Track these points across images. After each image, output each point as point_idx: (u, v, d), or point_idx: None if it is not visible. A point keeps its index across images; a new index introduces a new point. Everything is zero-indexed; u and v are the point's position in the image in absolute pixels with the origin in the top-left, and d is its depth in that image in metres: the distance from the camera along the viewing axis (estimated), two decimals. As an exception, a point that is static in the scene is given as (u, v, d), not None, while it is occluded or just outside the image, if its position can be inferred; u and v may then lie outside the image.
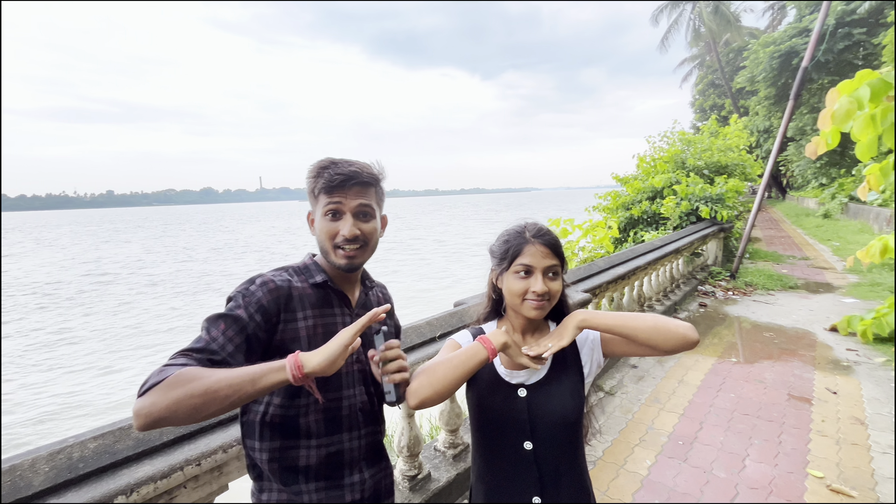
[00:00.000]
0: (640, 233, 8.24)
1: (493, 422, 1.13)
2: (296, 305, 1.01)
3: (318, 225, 1.04)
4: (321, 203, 1.02)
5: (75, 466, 1.24)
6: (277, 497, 1.03)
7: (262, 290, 0.97)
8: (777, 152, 7.03)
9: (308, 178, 1.04)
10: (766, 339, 5.00)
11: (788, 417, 3.29)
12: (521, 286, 1.08)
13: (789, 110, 6.83)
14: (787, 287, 7.32)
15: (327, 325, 1.04)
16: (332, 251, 1.03)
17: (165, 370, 0.78)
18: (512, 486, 1.12)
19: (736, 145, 9.35)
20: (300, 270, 1.08)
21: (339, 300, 1.09)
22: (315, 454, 1.02)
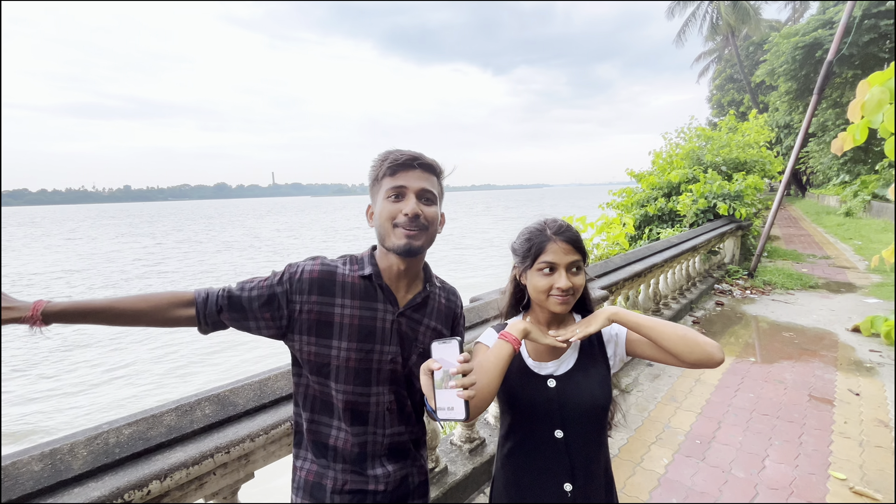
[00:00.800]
0: (654, 230, 8.13)
1: (524, 412, 1.15)
2: (336, 290, 1.04)
3: (378, 209, 1.02)
4: (384, 186, 1.01)
5: (112, 451, 1.28)
6: (309, 466, 1.09)
7: (303, 271, 1.04)
8: (799, 148, 6.87)
9: (372, 167, 1.04)
10: (785, 338, 4.91)
11: (809, 418, 3.24)
12: (545, 283, 1.10)
13: (813, 105, 6.66)
14: (808, 286, 7.16)
15: (365, 318, 1.04)
16: (392, 232, 1.00)
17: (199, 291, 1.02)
18: (543, 473, 1.14)
19: (756, 141, 9.14)
20: (355, 260, 1.11)
21: (385, 297, 1.06)
22: (343, 438, 1.07)
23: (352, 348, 1.03)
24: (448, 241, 31.52)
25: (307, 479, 1.09)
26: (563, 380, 1.15)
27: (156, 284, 19.87)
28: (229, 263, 25.38)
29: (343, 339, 1.02)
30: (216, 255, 29.26)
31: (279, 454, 1.63)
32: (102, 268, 24.89)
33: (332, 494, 1.06)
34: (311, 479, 1.08)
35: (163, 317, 0.97)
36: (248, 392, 1.60)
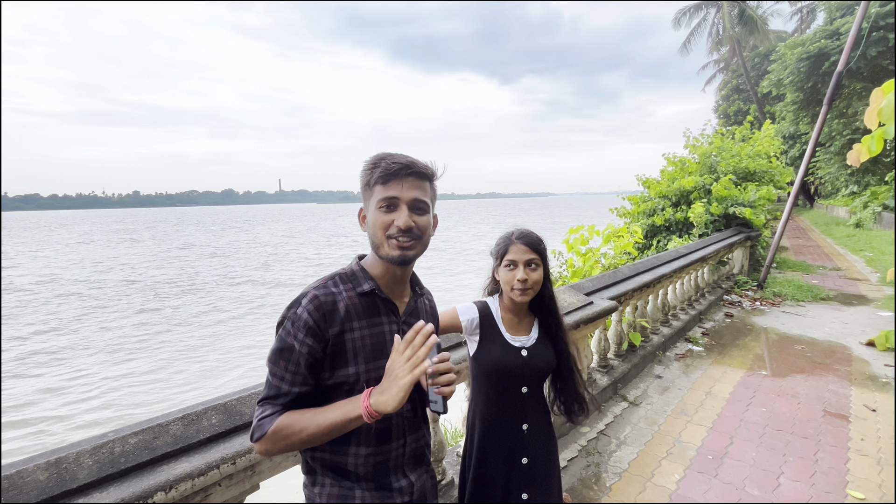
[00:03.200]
0: (662, 240, 8.07)
1: (503, 374, 1.48)
2: (343, 318, 0.99)
3: (371, 218, 1.01)
4: (376, 195, 0.99)
5: (117, 461, 1.26)
6: (330, 490, 1.05)
7: (307, 311, 0.97)
8: (809, 158, 6.81)
9: (363, 171, 1.02)
10: (797, 351, 4.82)
11: (825, 434, 3.16)
12: (509, 276, 1.45)
13: (822, 116, 6.61)
14: (819, 298, 7.06)
15: (375, 335, 1.03)
16: (385, 242, 0.99)
17: (262, 424, 0.95)
18: (508, 419, 1.50)
19: (766, 151, 9.08)
20: (348, 278, 1.04)
21: (387, 308, 1.06)
22: (363, 461, 1.04)
23: (369, 369, 1.01)
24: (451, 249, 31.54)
25: (329, 503, 1.05)
26: (530, 350, 1.50)
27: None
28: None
29: (359, 363, 1.01)
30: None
31: (285, 465, 1.60)
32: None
33: None
34: (335, 502, 1.05)
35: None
36: (255, 401, 1.58)
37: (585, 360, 3.28)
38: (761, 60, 30.88)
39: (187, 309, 16.01)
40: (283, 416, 0.94)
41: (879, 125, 2.85)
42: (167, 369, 10.21)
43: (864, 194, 18.22)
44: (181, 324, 14.08)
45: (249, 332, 13.08)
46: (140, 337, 12.72)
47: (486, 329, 1.51)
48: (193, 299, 17.60)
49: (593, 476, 2.74)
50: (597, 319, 3.06)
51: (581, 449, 3.01)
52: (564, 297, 3.06)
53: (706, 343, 5.09)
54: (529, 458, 1.48)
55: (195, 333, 12.96)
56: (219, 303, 16.88)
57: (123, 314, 15.36)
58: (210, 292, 19.02)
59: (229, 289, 19.73)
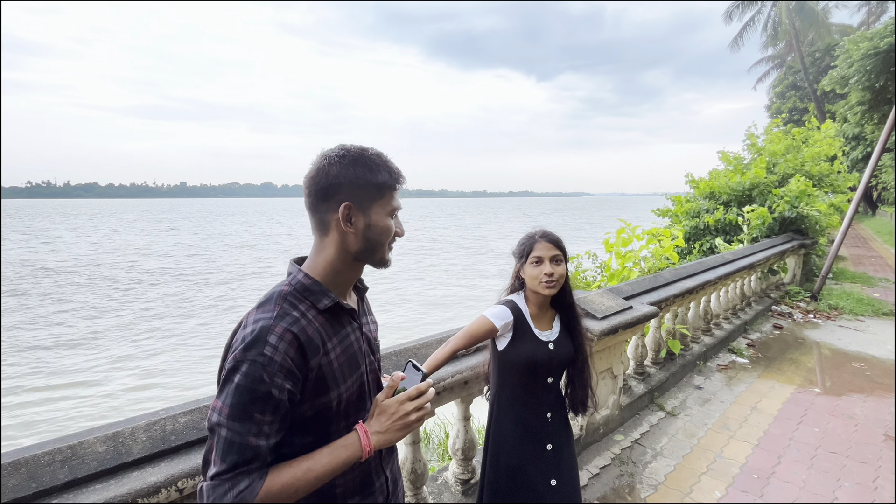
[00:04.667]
0: (705, 244, 7.69)
1: (534, 367, 1.58)
2: (320, 343, 0.88)
3: (375, 223, 0.96)
4: (385, 203, 0.98)
5: (168, 438, 1.32)
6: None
7: (280, 353, 0.81)
8: (875, 163, 6.30)
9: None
10: (854, 369, 4.47)
11: (885, 460, 2.92)
12: (536, 272, 1.55)
13: (893, 118, 6.09)
14: (881, 313, 6.52)
15: (346, 349, 0.95)
16: (386, 248, 0.99)
17: (244, 496, 0.77)
18: (535, 407, 1.61)
19: (827, 153, 8.45)
20: (302, 295, 0.90)
21: (349, 317, 0.98)
22: (350, 480, 0.97)
23: (349, 387, 0.94)
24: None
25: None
26: (555, 343, 1.61)
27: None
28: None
29: (339, 384, 0.92)
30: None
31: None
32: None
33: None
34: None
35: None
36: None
37: (622, 366, 3.18)
38: (822, 56, 28.78)
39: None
40: (268, 480, 0.79)
41: None
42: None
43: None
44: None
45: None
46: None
47: (519, 327, 1.60)
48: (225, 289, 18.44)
49: (627, 486, 2.65)
50: (636, 325, 2.95)
51: (614, 457, 2.91)
52: (603, 301, 2.97)
53: (751, 355, 4.81)
54: (553, 444, 1.60)
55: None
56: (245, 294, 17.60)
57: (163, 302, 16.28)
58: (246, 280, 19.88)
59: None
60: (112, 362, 10.08)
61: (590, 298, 2.91)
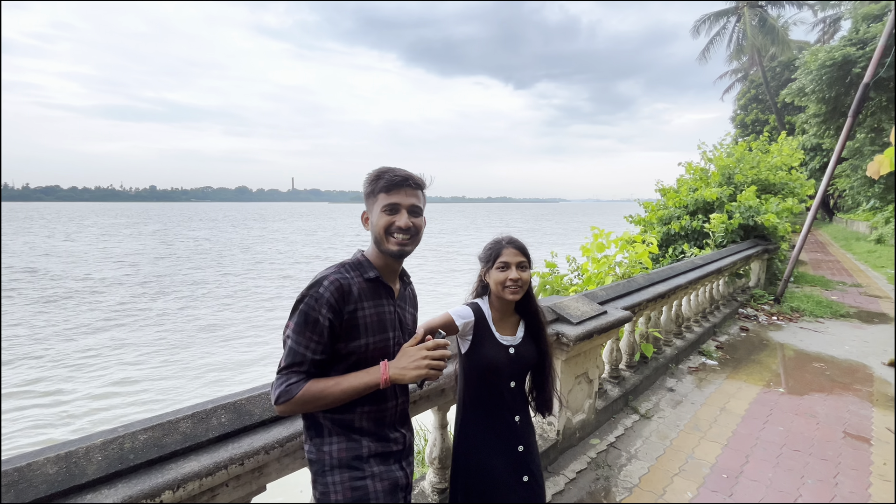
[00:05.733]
0: (677, 249, 7.93)
1: (493, 371, 1.59)
2: (357, 298, 1.20)
3: (374, 219, 1.23)
4: (380, 201, 1.22)
5: (126, 457, 1.25)
6: (338, 446, 1.23)
7: (328, 290, 1.16)
8: (832, 172, 6.65)
9: (367, 182, 1.25)
10: (815, 369, 4.68)
11: (845, 457, 3.05)
12: (502, 276, 1.57)
13: (847, 128, 6.45)
14: (838, 315, 6.86)
15: (380, 313, 1.25)
16: (386, 239, 1.22)
17: (290, 390, 1.12)
18: (501, 411, 1.62)
19: (786, 164, 8.89)
20: (355, 266, 1.25)
21: (386, 293, 1.28)
22: (367, 417, 1.26)
23: (376, 340, 1.24)
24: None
25: (340, 456, 1.22)
26: (517, 348, 1.63)
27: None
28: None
29: (369, 335, 1.22)
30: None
31: (292, 467, 1.58)
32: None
33: (367, 459, 1.25)
34: (345, 455, 1.23)
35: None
36: (265, 401, 1.56)
37: (597, 371, 3.22)
38: (782, 70, 30.36)
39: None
40: (308, 384, 1.13)
41: None
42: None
43: (886, 209, 17.72)
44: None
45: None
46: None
47: (480, 329, 1.62)
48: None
49: (602, 490, 2.67)
50: (610, 329, 3.00)
51: (591, 461, 2.94)
52: (578, 306, 3.00)
53: (720, 357, 4.97)
54: (524, 445, 1.65)
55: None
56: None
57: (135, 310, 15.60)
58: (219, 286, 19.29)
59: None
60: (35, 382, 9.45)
61: (565, 304, 2.95)
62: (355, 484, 1.21)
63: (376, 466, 1.25)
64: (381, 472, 1.25)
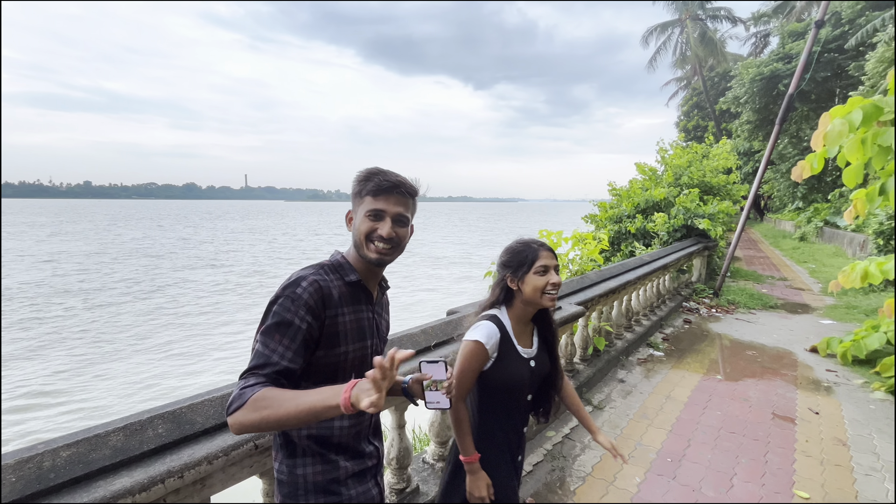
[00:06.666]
0: (627, 247, 8.33)
1: (516, 386, 1.53)
2: (337, 303, 1.12)
3: (357, 222, 1.16)
4: (366, 204, 1.14)
5: (45, 477, 1.14)
6: (312, 468, 1.15)
7: (307, 292, 1.07)
8: (761, 175, 7.22)
9: (355, 182, 1.17)
10: (749, 357, 5.07)
11: (773, 437, 3.32)
12: (541, 282, 1.46)
13: (774, 135, 7.03)
14: (768, 306, 7.48)
15: (359, 319, 1.18)
16: (365, 245, 1.15)
17: (244, 393, 0.94)
18: (513, 424, 1.58)
19: (723, 167, 9.60)
20: (335, 268, 1.17)
21: (366, 298, 1.21)
22: (344, 431, 1.19)
23: (356, 349, 1.17)
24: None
25: (316, 480, 1.15)
26: (535, 360, 1.56)
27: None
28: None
29: (349, 343, 1.15)
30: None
31: (239, 477, 1.50)
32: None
33: (345, 481, 1.18)
34: (321, 479, 1.15)
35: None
36: (208, 409, 1.47)
37: (552, 365, 3.31)
38: (720, 80, 32.66)
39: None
40: (265, 388, 0.95)
41: (823, 146, 3.02)
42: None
43: (808, 210, 19.53)
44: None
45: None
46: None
47: (503, 344, 1.49)
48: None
49: (558, 480, 2.75)
50: (565, 324, 3.10)
51: (546, 453, 3.02)
52: (534, 302, 3.07)
53: (666, 348, 5.27)
54: (521, 456, 1.66)
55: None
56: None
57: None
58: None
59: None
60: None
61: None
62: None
63: (353, 489, 1.19)
64: (359, 493, 1.19)
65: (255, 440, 1.45)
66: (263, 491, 1.67)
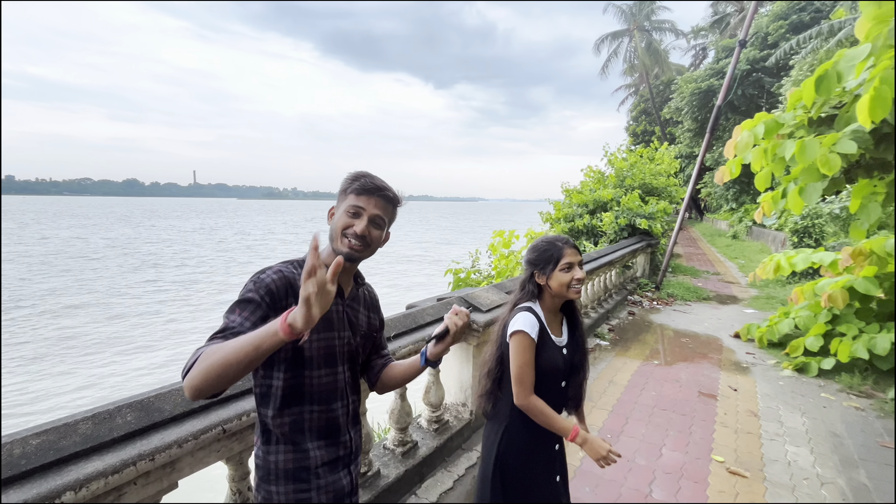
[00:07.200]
0: (579, 244, 8.84)
1: (552, 373, 1.61)
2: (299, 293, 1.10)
3: (336, 217, 1.21)
4: (348, 201, 1.20)
5: (17, 464, 1.18)
6: (284, 456, 1.20)
7: (271, 278, 1.13)
8: (696, 179, 7.91)
9: (344, 181, 1.24)
10: (682, 343, 5.59)
11: (698, 412, 3.74)
12: (567, 277, 1.58)
13: (706, 143, 7.72)
14: (702, 299, 8.20)
15: (327, 311, 1.20)
16: (340, 238, 1.19)
17: (197, 352, 0.96)
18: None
19: (665, 171, 10.37)
20: (304, 263, 1.17)
21: (336, 292, 1.13)
22: (316, 418, 1.23)
23: (322, 338, 1.21)
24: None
25: (286, 467, 1.20)
26: (567, 347, 1.67)
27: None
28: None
29: (314, 331, 1.18)
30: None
31: (207, 461, 1.58)
32: None
33: (315, 470, 1.22)
34: (291, 466, 1.20)
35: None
36: (176, 397, 1.54)
37: (506, 354, 3.54)
38: (664, 88, 34.83)
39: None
40: (214, 343, 0.96)
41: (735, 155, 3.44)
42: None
43: (739, 211, 21.36)
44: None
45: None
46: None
47: (541, 334, 1.60)
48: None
49: (510, 459, 2.98)
50: (516, 316, 3.33)
51: (500, 436, 3.25)
52: (487, 296, 3.29)
53: (612, 338, 5.69)
54: (559, 444, 1.69)
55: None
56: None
57: None
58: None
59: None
60: None
61: (476, 294, 3.21)
62: (299, 497, 1.19)
63: (323, 478, 1.22)
64: (328, 483, 1.23)
65: (223, 425, 1.54)
66: (229, 476, 1.75)
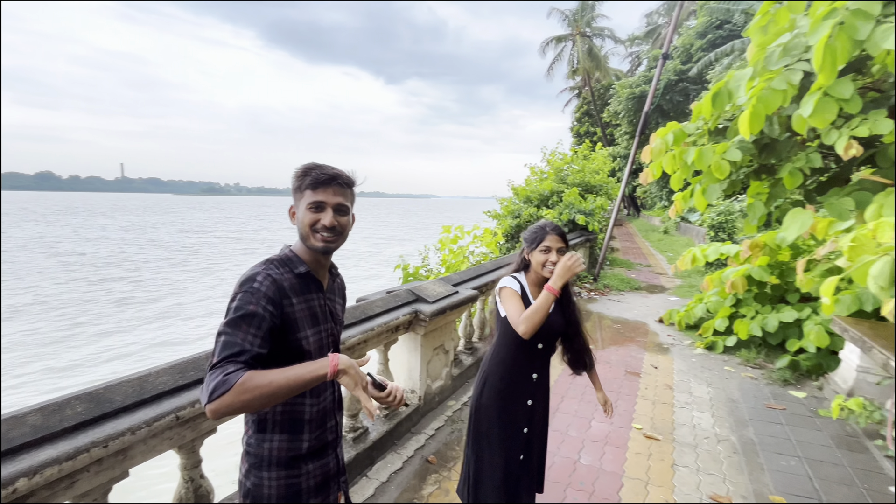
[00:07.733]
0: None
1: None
2: (290, 293, 1.19)
3: (300, 215, 1.23)
4: (306, 198, 1.21)
5: (-33, 455, 1.21)
6: (278, 444, 1.25)
7: (264, 285, 1.14)
8: (627, 178, 8.60)
9: (294, 178, 1.24)
10: (615, 329, 6.13)
11: (624, 388, 4.18)
12: (543, 258, 1.81)
13: (635, 145, 8.42)
14: (634, 288, 8.94)
15: (311, 307, 1.26)
16: (311, 236, 1.22)
17: (228, 379, 0.98)
18: (524, 368, 1.90)
19: (602, 169, 11.13)
20: (283, 262, 1.23)
21: (316, 286, 1.29)
22: (313, 409, 1.30)
23: (313, 333, 1.25)
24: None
25: (280, 455, 1.25)
26: (549, 316, 1.82)
27: None
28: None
29: (306, 328, 1.22)
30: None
31: (159, 449, 1.64)
32: None
33: (305, 457, 1.29)
34: (284, 455, 1.26)
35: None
36: (126, 388, 1.59)
37: (453, 343, 3.77)
38: (604, 92, 36.87)
39: None
40: (250, 372, 1.00)
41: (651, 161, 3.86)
42: None
43: (669, 208, 23.22)
44: None
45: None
46: None
47: (521, 298, 1.85)
48: None
49: (456, 440, 3.21)
50: (461, 306, 3.56)
51: (447, 419, 3.47)
52: (434, 288, 3.48)
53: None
54: (533, 401, 1.91)
55: None
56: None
57: None
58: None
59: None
60: None
61: (424, 286, 3.39)
62: (290, 482, 1.26)
63: (311, 464, 1.29)
64: (315, 468, 1.30)
65: (176, 412, 1.61)
66: (181, 465, 1.81)
